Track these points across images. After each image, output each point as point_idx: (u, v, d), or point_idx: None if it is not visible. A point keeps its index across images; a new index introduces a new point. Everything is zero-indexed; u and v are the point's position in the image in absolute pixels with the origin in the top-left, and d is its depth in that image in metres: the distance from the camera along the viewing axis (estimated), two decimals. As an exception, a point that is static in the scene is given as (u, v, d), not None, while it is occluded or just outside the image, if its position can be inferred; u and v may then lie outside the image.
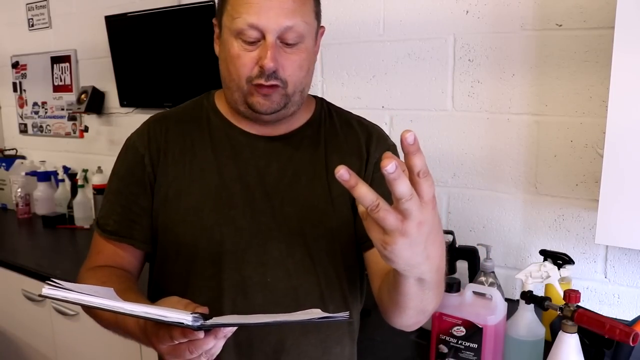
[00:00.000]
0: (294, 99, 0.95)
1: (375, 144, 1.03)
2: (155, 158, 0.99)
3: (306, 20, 0.90)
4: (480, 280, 1.32)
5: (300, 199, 0.98)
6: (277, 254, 0.96)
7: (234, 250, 0.95)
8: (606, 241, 1.18)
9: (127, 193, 1.00)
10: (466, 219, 1.61)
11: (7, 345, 2.18)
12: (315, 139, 1.03)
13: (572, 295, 0.96)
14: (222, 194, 0.97)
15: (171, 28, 2.10)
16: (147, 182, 0.98)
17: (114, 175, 1.03)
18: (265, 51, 0.87)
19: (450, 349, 1.11)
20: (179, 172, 0.98)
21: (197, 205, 0.96)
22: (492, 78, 1.51)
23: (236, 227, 0.96)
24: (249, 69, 0.89)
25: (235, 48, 0.89)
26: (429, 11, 1.59)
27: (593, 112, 1.37)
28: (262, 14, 0.85)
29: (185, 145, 0.99)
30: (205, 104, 1.05)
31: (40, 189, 2.61)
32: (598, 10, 1.33)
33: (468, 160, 1.59)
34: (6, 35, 2.98)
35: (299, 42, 0.90)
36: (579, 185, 1.42)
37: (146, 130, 1.02)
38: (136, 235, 0.99)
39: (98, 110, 2.56)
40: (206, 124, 1.02)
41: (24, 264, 1.98)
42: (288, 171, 0.99)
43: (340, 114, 1.08)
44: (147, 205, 0.99)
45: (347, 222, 1.00)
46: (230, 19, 0.89)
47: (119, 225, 0.99)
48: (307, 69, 0.95)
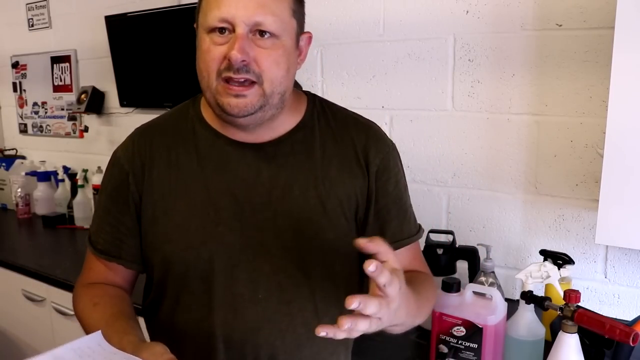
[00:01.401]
0: (272, 101, 0.89)
1: (374, 148, 1.00)
2: (139, 176, 0.96)
3: (279, 16, 0.86)
4: (480, 280, 1.32)
5: (294, 212, 0.94)
6: (268, 269, 0.94)
7: (223, 267, 0.93)
8: (606, 241, 1.18)
9: (115, 212, 0.99)
10: (466, 219, 1.61)
11: (7, 345, 2.18)
12: (308, 143, 0.98)
13: (572, 295, 0.96)
14: (209, 210, 0.94)
15: (171, 28, 2.10)
16: (132, 202, 0.97)
17: (102, 191, 1.03)
18: (233, 43, 0.83)
19: (450, 349, 1.11)
20: (164, 189, 0.95)
21: (184, 224, 0.94)
22: (492, 78, 1.51)
23: (224, 243, 0.93)
24: (217, 62, 0.85)
25: (207, 43, 0.87)
26: (429, 11, 1.59)
27: (593, 112, 1.37)
28: (232, 6, 0.83)
29: (170, 159, 0.97)
30: (190, 113, 1.01)
31: (40, 189, 2.61)
32: (598, 10, 1.33)
33: (468, 160, 1.59)
34: (6, 35, 2.98)
35: (272, 37, 0.86)
36: (579, 185, 1.42)
37: (130, 145, 1.00)
38: (124, 256, 0.99)
39: (98, 110, 2.56)
40: (191, 135, 0.98)
41: (24, 264, 1.98)
42: (279, 181, 0.95)
43: (335, 112, 1.04)
44: (134, 226, 0.98)
45: (343, 233, 0.97)
46: (203, 16, 0.87)
47: (108, 244, 0.99)
48: (286, 68, 0.89)
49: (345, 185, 0.97)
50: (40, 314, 1.99)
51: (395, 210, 1.01)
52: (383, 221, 1.00)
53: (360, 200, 0.99)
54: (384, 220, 1.00)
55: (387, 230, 1.00)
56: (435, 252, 1.39)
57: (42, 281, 1.89)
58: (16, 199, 2.63)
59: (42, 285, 1.90)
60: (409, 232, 1.03)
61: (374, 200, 0.99)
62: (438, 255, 1.39)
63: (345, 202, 0.98)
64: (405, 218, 1.03)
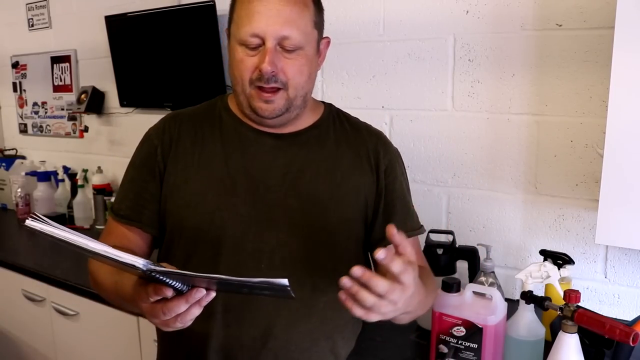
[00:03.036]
0: (296, 103, 1.02)
1: (383, 149, 1.12)
2: (167, 149, 1.06)
3: (304, 29, 0.97)
4: (480, 280, 1.32)
5: (303, 193, 1.04)
6: (274, 243, 1.02)
7: (232, 234, 1.01)
8: (606, 241, 1.18)
9: (140, 181, 1.08)
10: (466, 219, 1.61)
11: (7, 345, 2.18)
12: (322, 138, 1.10)
13: (572, 295, 0.96)
14: (226, 181, 1.03)
15: (171, 28, 2.10)
16: (157, 170, 1.06)
17: (130, 165, 1.11)
18: (264, 56, 0.95)
19: (450, 349, 1.11)
20: (187, 161, 1.05)
21: (201, 191, 1.03)
22: (492, 78, 1.51)
23: (237, 213, 1.02)
24: (250, 72, 0.98)
25: (240, 53, 0.98)
26: (429, 11, 1.59)
27: (593, 112, 1.37)
28: (263, 22, 0.95)
29: (196, 138, 1.07)
30: (218, 104, 1.13)
31: (40, 189, 2.61)
32: (598, 10, 1.33)
33: (468, 160, 1.59)
34: (6, 35, 2.98)
35: (297, 49, 0.97)
36: (579, 185, 1.42)
37: (162, 125, 1.11)
38: (145, 220, 1.07)
39: (98, 110, 2.56)
40: (218, 120, 1.10)
41: (24, 264, 1.98)
42: (293, 167, 1.05)
43: (349, 118, 1.16)
44: (156, 192, 1.06)
45: (348, 220, 1.07)
46: (236, 28, 0.98)
47: (130, 210, 1.07)
48: (308, 74, 1.01)
49: (354, 178, 1.08)
50: (40, 314, 1.98)
51: (399, 205, 1.11)
52: (389, 214, 1.09)
53: (369, 195, 1.09)
54: (390, 213, 1.10)
55: (392, 223, 1.03)
56: (435, 252, 1.39)
57: (42, 281, 1.89)
58: (16, 199, 2.63)
59: (42, 285, 1.90)
60: (412, 226, 1.13)
61: (383, 195, 1.09)
62: (438, 255, 1.39)
63: (353, 194, 1.08)
64: (409, 214, 1.14)
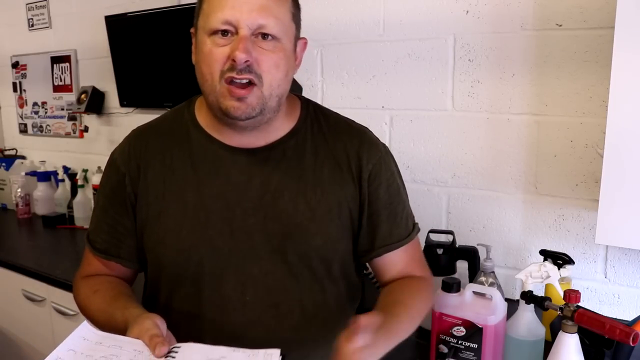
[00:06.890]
0: (270, 104, 0.91)
1: (367, 154, 1.01)
2: (135, 177, 0.98)
3: (282, 19, 0.88)
4: (480, 280, 1.32)
5: (283, 216, 0.96)
6: (257, 272, 0.96)
7: (212, 270, 0.95)
8: (606, 241, 1.18)
9: (112, 212, 1.01)
10: (466, 219, 1.61)
11: (7, 345, 2.18)
12: (300, 149, 0.99)
13: (572, 295, 0.96)
14: (200, 214, 0.95)
15: (171, 28, 2.09)
16: (129, 202, 0.99)
17: (100, 191, 1.05)
18: (237, 44, 0.85)
19: (450, 349, 1.11)
20: (158, 191, 0.97)
21: (175, 227, 0.96)
22: (492, 78, 1.51)
23: (214, 247, 0.95)
24: (220, 63, 0.87)
25: (208, 45, 0.88)
26: (429, 11, 1.59)
27: (593, 112, 1.37)
28: (236, 8, 0.85)
29: (164, 161, 0.98)
30: (185, 116, 1.02)
31: (40, 189, 2.61)
32: (598, 10, 1.33)
33: (468, 160, 1.59)
34: (6, 35, 2.98)
35: (274, 40, 0.88)
36: (579, 185, 1.42)
37: (127, 147, 1.02)
38: (123, 255, 1.02)
39: (98, 110, 2.56)
40: (186, 138, 1.00)
41: (24, 264, 1.98)
42: (270, 186, 0.96)
43: (328, 117, 1.05)
44: (131, 226, 1.00)
45: (333, 239, 0.99)
46: (205, 18, 0.88)
47: (107, 244, 1.02)
48: (285, 71, 0.91)
49: (335, 192, 0.99)
50: (40, 314, 1.98)
51: (385, 214, 1.02)
52: (374, 225, 1.02)
53: (353, 207, 1.01)
54: (375, 224, 1.02)
55: (377, 234, 1.02)
56: (435, 252, 1.39)
57: (42, 281, 1.89)
58: (16, 199, 2.63)
59: (42, 285, 1.90)
60: (398, 236, 1.04)
61: (366, 205, 1.01)
62: (438, 255, 1.39)
63: (336, 209, 0.99)
64: (395, 222, 1.04)
